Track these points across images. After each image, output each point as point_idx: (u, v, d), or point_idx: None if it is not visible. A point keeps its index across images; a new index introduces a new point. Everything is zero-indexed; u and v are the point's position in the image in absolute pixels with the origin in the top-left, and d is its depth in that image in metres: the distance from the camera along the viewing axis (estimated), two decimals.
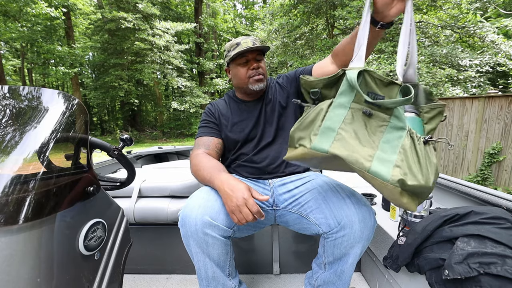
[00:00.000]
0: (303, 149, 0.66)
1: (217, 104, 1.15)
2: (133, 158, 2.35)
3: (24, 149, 0.50)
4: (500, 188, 3.61)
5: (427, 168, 0.59)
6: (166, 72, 10.98)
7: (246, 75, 1.02)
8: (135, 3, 9.77)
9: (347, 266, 0.86)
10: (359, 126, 0.63)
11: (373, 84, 0.65)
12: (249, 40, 1.01)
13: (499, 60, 5.37)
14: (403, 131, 0.61)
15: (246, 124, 1.07)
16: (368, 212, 0.82)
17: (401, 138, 0.61)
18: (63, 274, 0.50)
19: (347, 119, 0.64)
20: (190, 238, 0.82)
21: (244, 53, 1.00)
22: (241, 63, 1.02)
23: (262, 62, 1.04)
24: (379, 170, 0.59)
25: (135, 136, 11.96)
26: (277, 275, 1.38)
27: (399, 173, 0.58)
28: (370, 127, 0.63)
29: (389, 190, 0.58)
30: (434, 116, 0.67)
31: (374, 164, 0.59)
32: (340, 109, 0.65)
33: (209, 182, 0.88)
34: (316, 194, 0.91)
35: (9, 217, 0.45)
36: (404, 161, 0.59)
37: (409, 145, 0.60)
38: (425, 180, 0.58)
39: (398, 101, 0.58)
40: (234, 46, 1.01)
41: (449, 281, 0.71)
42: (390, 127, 0.62)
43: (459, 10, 6.08)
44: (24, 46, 11.17)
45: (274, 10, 8.28)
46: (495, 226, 0.77)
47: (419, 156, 0.59)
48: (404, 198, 0.59)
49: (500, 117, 3.58)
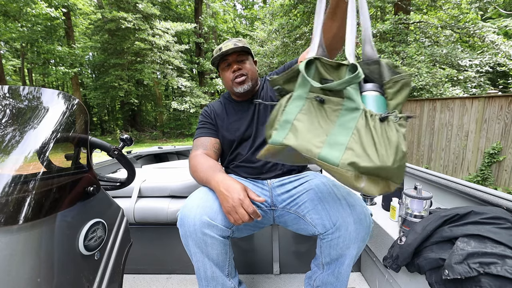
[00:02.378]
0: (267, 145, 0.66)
1: (213, 105, 1.17)
2: (133, 158, 2.35)
3: (24, 149, 0.50)
4: (500, 188, 3.61)
5: (385, 147, 0.54)
6: (166, 72, 10.98)
7: (230, 78, 1.04)
8: (135, 3, 9.76)
9: (344, 267, 0.86)
10: (315, 114, 0.63)
11: (323, 70, 0.64)
12: (230, 43, 1.03)
13: (499, 60, 5.37)
14: (357, 112, 0.58)
15: (241, 123, 1.08)
16: (363, 213, 0.82)
17: (355, 120, 0.57)
18: (63, 274, 0.50)
19: (303, 109, 0.64)
20: (189, 238, 0.82)
21: (224, 56, 1.02)
22: (224, 67, 1.06)
23: (246, 62, 1.05)
24: (328, 155, 0.56)
25: (135, 136, 11.95)
26: (277, 275, 1.38)
27: (351, 156, 0.55)
28: (326, 113, 0.62)
29: (341, 174, 0.56)
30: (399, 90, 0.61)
31: (324, 149, 0.57)
32: (298, 101, 0.65)
33: (206, 182, 0.88)
34: (312, 195, 0.91)
35: (9, 217, 0.45)
36: (358, 143, 0.56)
37: (364, 126, 0.56)
38: (382, 160, 0.53)
39: (343, 81, 0.57)
40: (217, 51, 1.03)
41: (449, 281, 0.71)
42: (344, 110, 0.60)
43: (459, 10, 6.08)
44: (24, 46, 11.17)
45: (274, 10, 8.28)
46: (495, 226, 0.77)
47: (374, 136, 0.55)
48: (360, 182, 0.55)
49: (500, 117, 3.58)
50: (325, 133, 0.60)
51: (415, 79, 5.01)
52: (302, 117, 0.63)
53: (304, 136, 0.60)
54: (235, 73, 1.03)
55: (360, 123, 0.57)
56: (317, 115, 0.62)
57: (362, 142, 0.55)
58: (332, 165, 0.56)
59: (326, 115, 0.62)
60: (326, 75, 0.63)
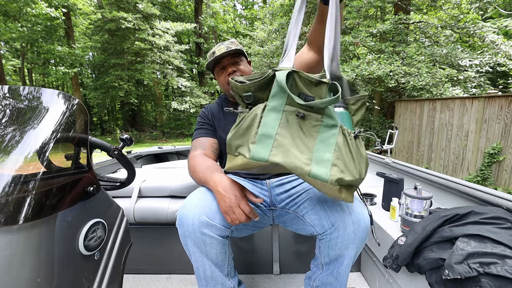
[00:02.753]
0: (242, 159, 0.63)
1: (210, 107, 1.18)
2: (133, 158, 2.35)
3: (24, 149, 0.50)
4: (500, 188, 3.61)
5: (359, 162, 0.61)
6: (166, 72, 10.98)
7: (225, 81, 1.05)
8: (135, 3, 9.76)
9: (343, 267, 0.86)
10: (295, 129, 0.63)
11: (302, 85, 0.64)
12: (223, 46, 1.03)
13: (499, 60, 5.37)
14: (336, 129, 0.62)
15: None
16: (362, 213, 0.82)
17: (335, 136, 0.61)
18: (63, 274, 0.50)
19: (282, 123, 0.63)
20: (188, 237, 0.82)
21: (218, 60, 1.03)
22: (219, 70, 1.07)
23: (241, 64, 1.06)
24: (318, 172, 0.59)
25: (135, 136, 11.95)
26: (277, 275, 1.38)
27: (336, 172, 0.59)
28: (306, 129, 0.63)
29: (329, 188, 0.59)
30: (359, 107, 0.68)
31: (313, 167, 0.59)
32: (274, 113, 0.63)
33: (204, 183, 0.89)
34: (311, 195, 0.92)
35: (9, 217, 0.45)
36: (340, 159, 0.60)
37: (343, 142, 0.61)
38: (359, 173, 0.60)
39: (327, 101, 0.59)
40: (211, 55, 1.04)
41: (449, 281, 0.71)
42: (324, 126, 0.62)
43: (459, 10, 6.08)
44: (24, 46, 11.17)
45: (274, 10, 8.28)
46: (495, 226, 0.77)
47: (352, 152, 0.60)
48: (342, 193, 0.60)
49: (500, 117, 3.58)
50: (309, 149, 0.61)
51: (415, 79, 5.00)
52: (283, 132, 0.62)
53: (291, 153, 0.60)
54: (230, 76, 1.03)
55: (339, 139, 0.61)
56: (297, 130, 0.62)
57: (343, 159, 0.60)
58: (322, 181, 0.59)
59: (307, 131, 0.63)
60: (306, 90, 0.64)
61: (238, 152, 0.66)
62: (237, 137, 0.67)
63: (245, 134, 0.66)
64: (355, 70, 5.47)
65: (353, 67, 5.57)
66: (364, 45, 6.07)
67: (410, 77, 5.07)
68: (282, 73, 0.62)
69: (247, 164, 0.63)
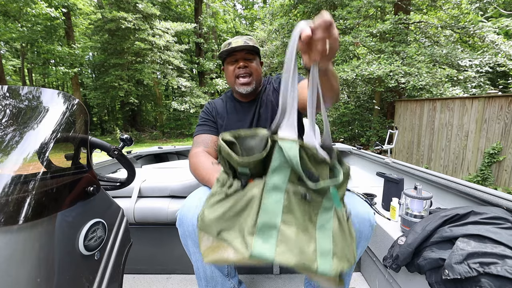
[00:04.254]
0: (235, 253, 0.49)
1: (214, 103, 1.16)
2: (133, 158, 2.35)
3: (24, 149, 0.50)
4: (500, 188, 3.61)
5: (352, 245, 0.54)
6: (166, 72, 10.97)
7: (233, 74, 1.03)
8: (135, 3, 9.76)
9: None
10: (299, 215, 0.51)
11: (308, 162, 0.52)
12: (240, 39, 1.01)
13: (499, 60, 5.37)
14: (331, 211, 0.53)
15: (241, 125, 1.08)
16: (366, 211, 0.82)
17: (331, 220, 0.53)
18: (63, 274, 0.50)
19: (286, 207, 0.50)
20: (188, 237, 0.82)
21: (232, 52, 1.01)
22: (230, 62, 1.04)
23: (253, 62, 1.04)
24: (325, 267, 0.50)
25: (135, 136, 11.94)
26: (277, 275, 1.38)
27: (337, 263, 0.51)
28: (309, 214, 0.52)
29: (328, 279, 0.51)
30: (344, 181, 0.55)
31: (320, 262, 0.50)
32: (276, 194, 0.50)
33: (207, 182, 0.88)
34: None
35: (9, 217, 0.45)
36: (338, 246, 0.52)
37: (337, 227, 0.53)
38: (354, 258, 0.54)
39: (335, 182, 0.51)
40: (226, 45, 1.02)
41: (449, 281, 0.71)
42: (322, 209, 0.53)
43: (459, 10, 6.08)
44: (24, 46, 11.17)
45: (274, 10, 8.28)
46: (495, 226, 0.77)
47: (346, 237, 0.54)
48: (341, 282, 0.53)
49: (500, 117, 3.58)
50: (312, 239, 0.51)
51: (415, 79, 5.00)
52: (287, 219, 0.50)
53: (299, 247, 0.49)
54: (240, 70, 1.01)
55: (335, 224, 0.53)
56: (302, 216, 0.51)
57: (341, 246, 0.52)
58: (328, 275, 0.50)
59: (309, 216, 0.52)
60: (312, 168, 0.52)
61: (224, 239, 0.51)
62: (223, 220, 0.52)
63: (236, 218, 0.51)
64: (355, 70, 5.47)
65: (353, 67, 5.57)
66: (364, 45, 6.07)
67: (410, 77, 5.07)
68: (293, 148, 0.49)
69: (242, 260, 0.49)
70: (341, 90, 8.99)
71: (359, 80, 7.16)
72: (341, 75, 5.62)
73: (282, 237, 0.49)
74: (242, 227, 0.50)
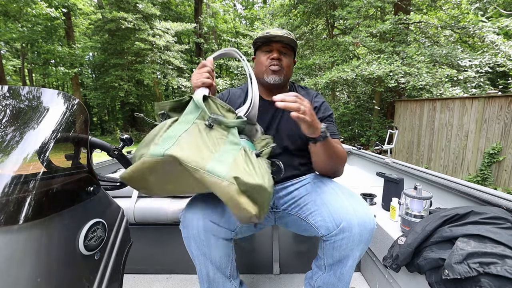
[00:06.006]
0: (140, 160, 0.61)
1: (231, 92, 1.10)
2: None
3: (24, 149, 0.50)
4: (500, 188, 3.61)
5: (261, 172, 0.65)
6: (166, 72, 10.97)
7: (266, 63, 0.98)
8: (135, 3, 9.75)
9: (347, 268, 0.85)
10: (201, 135, 0.67)
11: (215, 107, 0.75)
12: (280, 31, 0.97)
13: (498, 60, 5.37)
14: (238, 146, 0.69)
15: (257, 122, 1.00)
16: (367, 215, 0.81)
17: (237, 151, 0.68)
18: (63, 274, 0.50)
19: (189, 130, 0.66)
20: (192, 240, 0.82)
21: (270, 41, 0.97)
22: (264, 51, 1.00)
23: (287, 57, 1.00)
24: (215, 168, 0.60)
25: (135, 136, 11.93)
26: (277, 275, 1.38)
27: (235, 172, 0.61)
28: (211, 137, 0.68)
29: (225, 187, 0.60)
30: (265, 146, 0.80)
31: (211, 163, 0.61)
32: (184, 124, 0.68)
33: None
34: (315, 196, 0.91)
35: (9, 217, 0.45)
36: (240, 166, 0.63)
37: (244, 155, 0.67)
38: (261, 180, 0.63)
39: (235, 121, 0.73)
40: (264, 34, 0.98)
41: (449, 281, 0.71)
42: (228, 141, 0.70)
43: (459, 10, 6.08)
44: (24, 46, 11.16)
45: (274, 10, 8.28)
46: (495, 226, 0.77)
47: (253, 163, 0.66)
48: (241, 197, 0.61)
49: (500, 117, 3.58)
50: (211, 151, 0.64)
51: (415, 79, 5.00)
52: (187, 136, 0.65)
53: (191, 149, 0.61)
54: (273, 61, 0.97)
55: (241, 153, 0.67)
56: (203, 136, 0.67)
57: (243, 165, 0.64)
58: (218, 176, 0.60)
59: (211, 139, 0.68)
60: (217, 111, 0.75)
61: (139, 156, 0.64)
62: (143, 146, 0.66)
63: (150, 140, 0.65)
64: (355, 70, 5.48)
65: (353, 67, 5.57)
66: (364, 45, 6.07)
67: (410, 77, 5.07)
68: (199, 94, 0.73)
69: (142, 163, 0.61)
70: (341, 90, 9.00)
71: (359, 80, 7.17)
72: (341, 75, 5.62)
73: (177, 142, 0.62)
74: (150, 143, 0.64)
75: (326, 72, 6.13)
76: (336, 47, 6.88)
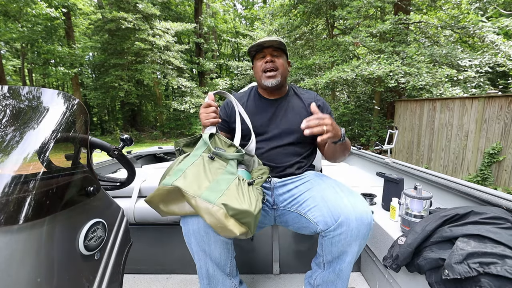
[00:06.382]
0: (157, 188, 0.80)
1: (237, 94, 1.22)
2: (133, 158, 2.35)
3: (24, 149, 0.50)
4: (500, 188, 3.61)
5: (249, 199, 0.77)
6: (166, 72, 10.97)
7: (261, 69, 1.08)
8: (135, 3, 9.75)
9: (345, 264, 0.86)
10: (203, 167, 0.82)
11: (219, 143, 0.92)
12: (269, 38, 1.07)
13: (498, 60, 5.36)
14: (234, 175, 0.82)
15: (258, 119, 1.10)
16: (365, 210, 0.83)
17: (232, 180, 0.81)
18: (63, 274, 0.50)
19: (195, 163, 0.83)
20: (192, 236, 0.83)
21: (261, 48, 1.07)
22: (258, 58, 1.10)
23: (280, 58, 1.09)
24: (208, 196, 0.75)
25: (135, 136, 11.93)
26: (277, 275, 1.38)
27: (224, 199, 0.74)
28: (211, 168, 0.83)
29: (215, 211, 0.72)
30: (261, 175, 0.91)
31: (206, 192, 0.75)
32: (193, 157, 0.85)
33: None
34: (314, 193, 0.92)
35: (9, 217, 0.45)
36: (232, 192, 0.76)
37: (237, 183, 0.80)
38: (248, 205, 0.74)
39: (233, 154, 0.88)
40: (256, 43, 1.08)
41: (449, 281, 0.71)
42: (226, 171, 0.83)
43: (459, 10, 6.07)
44: (24, 46, 11.15)
45: (274, 10, 8.27)
46: (495, 226, 0.77)
47: (243, 191, 0.78)
48: (229, 220, 0.73)
49: (500, 117, 3.58)
50: (209, 180, 0.79)
51: (415, 79, 5.00)
52: (193, 168, 0.81)
53: (192, 180, 0.78)
54: (267, 64, 1.06)
55: (235, 182, 0.80)
56: (205, 168, 0.82)
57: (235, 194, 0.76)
58: (209, 202, 0.73)
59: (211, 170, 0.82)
60: (220, 146, 0.92)
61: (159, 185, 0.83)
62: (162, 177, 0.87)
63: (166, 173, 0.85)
64: (355, 70, 5.47)
65: (353, 67, 5.57)
66: (364, 45, 6.06)
67: (410, 77, 5.07)
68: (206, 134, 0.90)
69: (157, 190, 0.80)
70: (341, 90, 9.00)
71: (359, 80, 7.17)
72: (341, 75, 5.62)
73: (184, 175, 0.79)
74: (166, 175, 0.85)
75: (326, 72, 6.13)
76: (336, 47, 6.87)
